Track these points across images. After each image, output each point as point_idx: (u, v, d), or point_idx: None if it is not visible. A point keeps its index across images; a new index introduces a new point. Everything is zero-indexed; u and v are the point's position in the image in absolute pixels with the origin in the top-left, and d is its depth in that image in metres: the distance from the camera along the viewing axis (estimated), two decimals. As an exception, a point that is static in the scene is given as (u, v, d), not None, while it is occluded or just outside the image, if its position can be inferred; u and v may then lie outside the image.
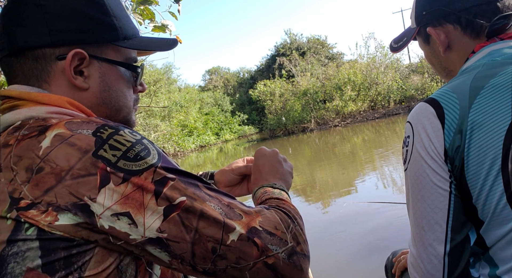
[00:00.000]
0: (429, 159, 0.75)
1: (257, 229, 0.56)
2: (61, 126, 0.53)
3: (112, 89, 0.68)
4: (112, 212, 0.50)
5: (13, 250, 0.48)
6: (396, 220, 3.57)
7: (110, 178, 0.50)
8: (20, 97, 0.60)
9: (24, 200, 0.49)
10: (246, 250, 0.54)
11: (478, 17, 0.82)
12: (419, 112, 0.78)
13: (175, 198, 0.52)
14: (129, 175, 0.51)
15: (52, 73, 0.63)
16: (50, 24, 0.61)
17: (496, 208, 0.71)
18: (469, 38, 0.85)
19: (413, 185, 0.78)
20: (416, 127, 0.77)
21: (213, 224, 0.53)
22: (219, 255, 0.53)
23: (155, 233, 0.51)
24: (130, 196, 0.51)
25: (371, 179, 5.73)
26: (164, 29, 1.88)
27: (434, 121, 0.75)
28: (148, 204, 0.51)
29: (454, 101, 0.75)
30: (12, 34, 0.61)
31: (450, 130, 0.73)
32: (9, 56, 0.62)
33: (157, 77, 23.25)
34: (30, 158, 0.51)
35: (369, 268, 2.78)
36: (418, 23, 0.93)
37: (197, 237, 0.53)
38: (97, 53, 0.66)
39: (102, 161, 0.51)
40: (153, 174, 0.52)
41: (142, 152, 0.54)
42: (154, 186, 0.52)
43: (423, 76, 18.73)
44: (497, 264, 0.73)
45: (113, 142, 0.52)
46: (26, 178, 0.50)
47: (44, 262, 0.49)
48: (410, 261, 0.81)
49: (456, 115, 0.73)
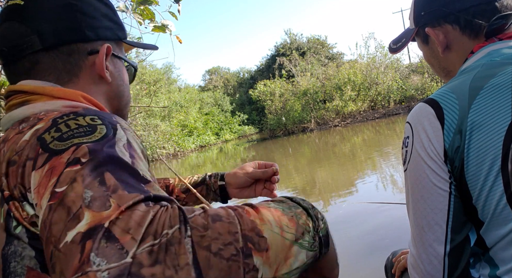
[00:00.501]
0: (428, 160, 0.75)
1: (104, 226, 0.37)
2: (47, 120, 0.52)
3: (125, 84, 0.75)
4: (33, 202, 0.45)
5: (11, 249, 0.48)
6: (396, 220, 3.57)
7: (37, 160, 0.45)
8: (34, 91, 0.61)
9: (6, 192, 0.49)
10: (69, 259, 0.37)
11: (477, 17, 0.82)
12: (418, 112, 0.78)
13: (64, 184, 0.41)
14: (51, 156, 0.45)
15: (83, 67, 0.66)
16: (83, 22, 0.65)
17: (496, 208, 0.70)
18: (468, 38, 0.85)
19: (413, 186, 0.78)
20: (416, 128, 0.77)
21: (63, 215, 0.39)
22: (52, 265, 0.39)
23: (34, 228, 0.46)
24: (42, 179, 0.44)
25: (371, 179, 5.73)
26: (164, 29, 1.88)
27: (433, 121, 0.75)
28: (48, 188, 0.42)
29: (453, 101, 0.74)
30: (42, 31, 0.62)
31: (450, 130, 0.73)
32: (37, 52, 0.63)
33: (157, 77, 23.25)
34: (13, 150, 0.51)
35: (369, 268, 2.78)
36: (417, 24, 0.93)
37: (47, 237, 0.40)
38: (115, 50, 0.72)
39: (40, 143, 0.47)
40: (71, 154, 0.44)
41: (81, 133, 0.47)
42: (64, 167, 0.43)
43: (423, 76, 18.74)
44: (497, 265, 0.73)
45: (61, 125, 0.48)
46: (5, 170, 0.50)
47: (41, 261, 0.47)
48: (410, 261, 0.81)
49: (456, 116, 0.73)
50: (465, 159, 0.72)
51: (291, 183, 6.90)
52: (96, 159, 0.43)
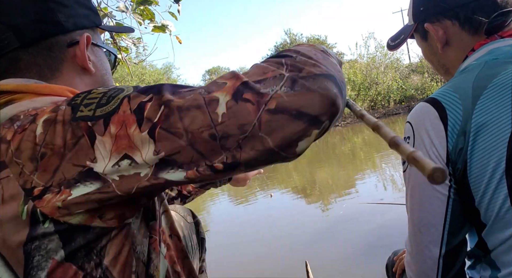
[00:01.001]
0: None
1: (242, 85, 0.46)
2: (47, 112, 0.53)
3: (108, 73, 0.73)
4: (112, 163, 0.48)
5: (35, 244, 0.49)
6: (397, 220, 3.56)
7: (94, 131, 0.48)
8: (17, 90, 0.59)
9: (37, 188, 0.49)
10: (241, 113, 0.45)
11: (477, 13, 0.81)
12: (420, 113, 0.76)
13: (155, 114, 0.47)
14: (108, 117, 0.48)
15: (65, 61, 0.65)
16: (58, 12, 0.62)
17: (499, 211, 0.69)
18: (467, 35, 0.84)
19: (412, 188, 0.77)
20: (417, 129, 0.75)
21: (195, 111, 0.46)
22: (222, 138, 0.45)
23: (155, 157, 0.47)
24: (117, 136, 0.47)
25: (372, 179, 5.73)
26: (164, 29, 1.88)
27: (436, 123, 0.73)
28: (133, 135, 0.47)
29: (456, 101, 0.73)
30: (17, 27, 0.60)
31: (453, 132, 0.71)
32: (16, 50, 0.61)
33: (157, 77, 23.23)
34: (30, 148, 0.50)
35: (370, 267, 2.78)
36: (416, 20, 0.91)
37: (190, 136, 0.46)
38: (94, 38, 0.69)
39: (82, 120, 0.49)
40: (129, 104, 0.48)
41: (115, 93, 0.51)
42: (135, 115, 0.47)
43: (423, 76, 18.73)
44: (499, 267, 0.72)
45: (86, 101, 0.51)
46: (33, 167, 0.50)
47: (67, 252, 0.50)
48: (407, 260, 0.81)
49: (459, 117, 0.71)
50: (468, 160, 0.71)
51: (292, 182, 6.89)
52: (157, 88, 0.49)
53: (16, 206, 0.50)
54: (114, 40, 2.15)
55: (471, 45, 0.83)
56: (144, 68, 21.16)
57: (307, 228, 3.88)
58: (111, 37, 2.13)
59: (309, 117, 0.44)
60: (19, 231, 0.49)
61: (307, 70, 0.46)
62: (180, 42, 2.11)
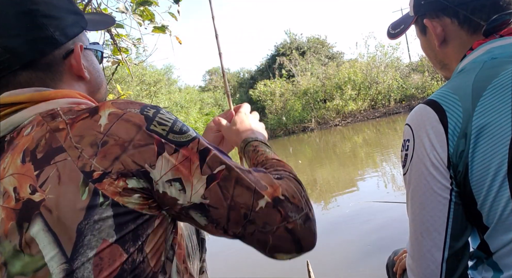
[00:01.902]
0: (431, 166, 0.72)
1: (280, 198, 0.61)
2: (110, 106, 0.58)
3: (100, 73, 0.75)
4: (167, 178, 0.56)
5: (89, 224, 0.52)
6: (398, 219, 3.56)
7: (164, 148, 0.56)
8: (31, 99, 0.61)
9: (96, 172, 0.53)
10: (272, 217, 0.60)
11: (476, 12, 0.79)
12: (419, 115, 0.75)
13: (215, 167, 0.58)
14: (179, 146, 0.57)
15: (64, 73, 0.67)
16: (50, 27, 0.63)
17: (502, 214, 0.68)
18: (466, 34, 0.83)
19: (413, 191, 0.76)
20: (417, 132, 0.74)
21: (246, 191, 0.59)
22: (249, 220, 0.59)
23: (200, 199, 0.57)
24: (181, 164, 0.57)
25: (373, 179, 5.73)
26: (163, 30, 1.88)
27: (436, 126, 0.72)
28: (195, 172, 0.57)
29: (456, 103, 0.72)
30: (14, 49, 0.61)
31: (454, 135, 0.70)
32: (16, 70, 0.62)
33: (158, 78, 23.26)
34: (93, 135, 0.55)
35: (371, 266, 2.77)
36: (416, 13, 0.90)
37: (233, 204, 0.58)
38: (84, 42, 0.71)
39: (155, 134, 0.57)
40: (198, 145, 0.59)
41: (184, 127, 0.61)
42: (199, 155, 0.58)
43: (424, 75, 18.71)
44: (502, 270, 0.71)
45: (159, 119, 0.58)
46: (93, 152, 0.54)
47: (118, 235, 0.53)
48: (408, 263, 0.80)
49: (460, 119, 0.70)
50: (469, 163, 0.70)
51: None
52: (216, 149, 0.61)
53: (75, 187, 0.53)
54: (115, 41, 2.15)
55: (470, 44, 0.82)
56: (144, 69, 21.18)
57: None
58: (111, 38, 2.13)
59: (301, 247, 0.62)
60: (76, 210, 0.52)
61: (312, 212, 0.66)
62: (180, 43, 2.10)
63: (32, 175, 0.55)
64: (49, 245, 0.52)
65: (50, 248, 0.52)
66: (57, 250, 0.52)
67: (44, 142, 0.56)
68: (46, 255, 0.52)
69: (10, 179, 0.56)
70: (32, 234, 0.52)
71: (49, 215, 0.52)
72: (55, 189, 0.53)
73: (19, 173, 0.56)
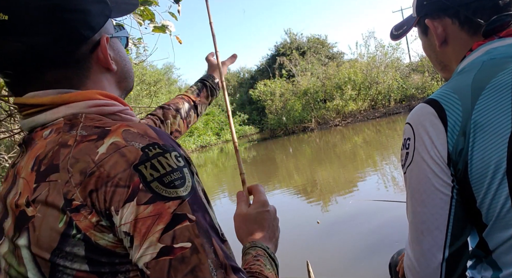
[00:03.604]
0: (432, 163, 0.73)
1: None
2: (119, 134, 0.54)
3: (127, 61, 0.73)
4: (124, 229, 0.51)
5: (62, 253, 0.51)
6: (399, 218, 3.56)
7: (136, 195, 0.50)
8: (52, 102, 0.60)
9: (75, 202, 0.51)
10: None
11: (478, 13, 0.80)
12: (420, 114, 0.76)
13: (180, 240, 0.50)
14: (156, 198, 0.50)
15: (91, 67, 0.64)
16: (76, 22, 0.60)
17: (500, 212, 0.69)
18: (466, 34, 0.84)
19: (414, 189, 0.76)
20: (418, 130, 0.75)
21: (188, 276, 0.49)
22: None
23: (141, 266, 0.50)
24: (143, 220, 0.50)
25: (373, 178, 5.73)
26: (164, 29, 1.88)
27: (436, 123, 0.73)
28: (152, 235, 0.49)
29: (456, 102, 0.73)
30: (41, 47, 0.58)
31: (453, 133, 0.71)
32: (43, 68, 0.60)
33: (158, 77, 23.27)
34: (86, 161, 0.52)
35: (371, 266, 2.78)
36: (418, 13, 0.91)
37: None
38: (109, 31, 0.68)
39: (138, 175, 0.51)
40: (177, 206, 0.51)
41: (178, 180, 0.53)
42: (170, 219, 0.50)
43: (424, 75, 18.72)
44: (501, 268, 0.72)
45: (155, 162, 0.52)
46: (79, 180, 0.51)
47: (92, 268, 0.51)
48: (407, 264, 0.80)
49: (459, 117, 0.71)
50: (469, 161, 0.70)
51: (292, 182, 6.90)
52: (201, 223, 0.52)
53: (56, 212, 0.51)
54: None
55: (469, 45, 0.83)
56: (144, 68, 21.16)
57: (307, 228, 3.88)
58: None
59: None
60: (53, 237, 0.51)
61: None
62: (180, 42, 2.10)
63: (31, 187, 0.54)
64: (30, 262, 0.52)
65: (32, 266, 0.52)
66: (37, 270, 0.52)
67: (50, 155, 0.55)
68: (28, 270, 0.52)
69: (21, 181, 0.57)
70: (20, 246, 0.53)
71: (33, 234, 0.52)
72: (43, 209, 0.52)
73: (26, 179, 0.56)
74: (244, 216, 0.84)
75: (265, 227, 0.82)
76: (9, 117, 2.09)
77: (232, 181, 8.73)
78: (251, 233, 0.81)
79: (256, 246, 0.76)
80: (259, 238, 0.80)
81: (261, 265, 0.71)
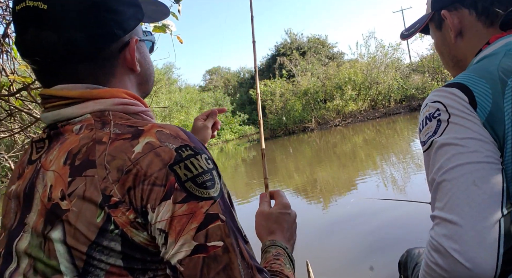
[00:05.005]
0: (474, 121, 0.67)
1: None
2: (153, 135, 0.56)
3: (150, 65, 0.75)
4: (159, 227, 0.52)
5: (99, 247, 0.52)
6: (399, 218, 3.57)
7: (172, 194, 0.52)
8: (81, 97, 0.61)
9: (113, 198, 0.52)
10: None
11: (495, 3, 0.80)
12: (445, 94, 0.71)
13: (212, 239, 0.52)
14: (190, 198, 0.53)
15: (117, 66, 0.66)
16: (112, 22, 0.63)
17: None
18: (482, 26, 0.83)
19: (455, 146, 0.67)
20: (447, 103, 0.69)
21: (221, 274, 0.52)
22: None
23: (175, 262, 0.52)
24: (179, 218, 0.52)
25: (372, 178, 5.73)
26: (164, 29, 1.88)
27: (466, 105, 0.68)
28: (187, 233, 0.52)
29: (484, 86, 0.69)
30: (75, 41, 0.59)
31: (482, 118, 0.68)
32: (73, 64, 0.62)
33: (158, 77, 23.27)
34: (123, 159, 0.54)
35: (371, 266, 2.77)
36: (434, 7, 0.91)
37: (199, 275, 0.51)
38: (138, 34, 0.70)
39: (174, 175, 0.53)
40: (210, 206, 0.54)
41: (209, 181, 0.55)
42: (203, 218, 0.53)
43: (424, 76, 18.71)
44: None
45: (188, 163, 0.54)
46: (117, 177, 0.53)
47: (126, 264, 0.53)
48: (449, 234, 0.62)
49: (489, 103, 0.68)
50: (505, 145, 0.66)
51: (292, 182, 6.90)
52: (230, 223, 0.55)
53: (94, 207, 0.53)
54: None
55: (486, 38, 0.82)
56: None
57: (307, 228, 3.88)
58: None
59: None
60: (90, 230, 0.52)
61: None
62: (181, 42, 2.10)
63: (65, 180, 0.55)
64: (65, 255, 0.53)
65: (65, 258, 0.53)
66: (70, 262, 0.53)
67: (85, 150, 0.56)
68: (61, 263, 0.53)
69: (51, 174, 0.57)
70: (53, 239, 0.54)
71: (69, 227, 0.53)
72: (79, 203, 0.53)
73: (58, 173, 0.57)
74: (267, 214, 0.87)
75: (284, 228, 0.84)
76: (9, 117, 2.09)
77: (233, 181, 8.73)
78: (271, 232, 0.83)
79: (276, 245, 0.79)
80: (278, 237, 0.82)
81: (281, 264, 0.73)
